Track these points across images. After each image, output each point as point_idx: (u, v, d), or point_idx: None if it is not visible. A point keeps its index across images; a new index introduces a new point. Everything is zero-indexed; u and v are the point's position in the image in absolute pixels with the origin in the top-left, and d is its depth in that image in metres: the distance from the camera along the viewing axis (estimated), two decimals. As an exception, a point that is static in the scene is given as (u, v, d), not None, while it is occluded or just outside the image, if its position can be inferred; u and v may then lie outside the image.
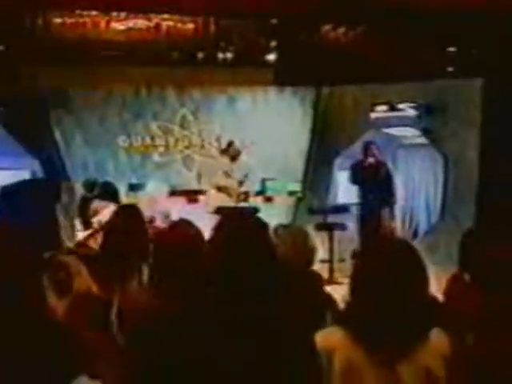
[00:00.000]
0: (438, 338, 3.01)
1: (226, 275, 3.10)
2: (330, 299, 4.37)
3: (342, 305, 3.87)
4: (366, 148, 11.49)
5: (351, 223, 11.74)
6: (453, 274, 4.46)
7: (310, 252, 4.53)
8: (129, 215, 5.40)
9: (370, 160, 11.36)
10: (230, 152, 11.47)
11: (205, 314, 2.93)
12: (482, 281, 3.92)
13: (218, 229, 3.43)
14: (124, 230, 5.11)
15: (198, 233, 3.74)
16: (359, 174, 11.45)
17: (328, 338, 3.05)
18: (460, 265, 4.38)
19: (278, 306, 3.15)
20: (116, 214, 5.53)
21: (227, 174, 11.41)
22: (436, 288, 4.35)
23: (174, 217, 11.28)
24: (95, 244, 5.54)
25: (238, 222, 3.48)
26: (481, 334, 3.48)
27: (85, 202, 9.68)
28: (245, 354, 2.84)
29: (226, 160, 11.78)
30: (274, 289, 3.21)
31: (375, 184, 11.25)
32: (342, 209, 12.06)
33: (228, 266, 3.11)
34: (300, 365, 2.97)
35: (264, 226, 3.43)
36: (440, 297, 4.26)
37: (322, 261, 9.78)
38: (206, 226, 3.68)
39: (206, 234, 3.57)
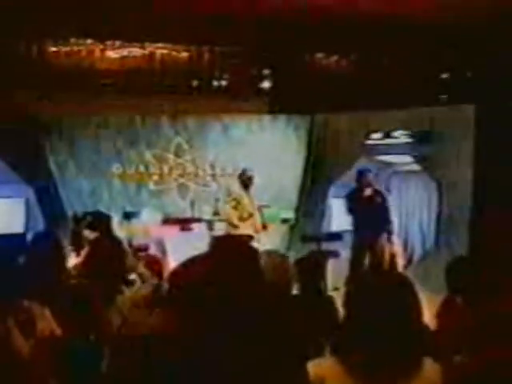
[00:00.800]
0: (430, 369, 3.00)
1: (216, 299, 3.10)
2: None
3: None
4: (361, 176, 11.48)
5: (344, 251, 11.71)
6: (445, 298, 4.47)
7: (288, 276, 4.55)
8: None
9: (367, 191, 11.35)
10: (243, 179, 11.37)
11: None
12: (473, 303, 3.91)
13: (209, 256, 3.44)
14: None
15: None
16: (354, 204, 11.44)
17: (319, 366, 3.04)
18: (450, 289, 4.39)
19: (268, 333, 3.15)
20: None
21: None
22: (428, 314, 4.35)
23: (168, 245, 11.33)
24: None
25: (231, 250, 3.48)
26: (474, 353, 3.47)
27: (75, 234, 9.72)
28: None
29: (218, 187, 11.76)
30: (264, 317, 3.21)
31: (371, 213, 11.23)
32: (336, 236, 12.04)
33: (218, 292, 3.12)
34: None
35: (255, 253, 3.44)
36: (432, 323, 4.26)
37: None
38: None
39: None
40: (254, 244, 3.50)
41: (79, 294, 4.44)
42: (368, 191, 11.36)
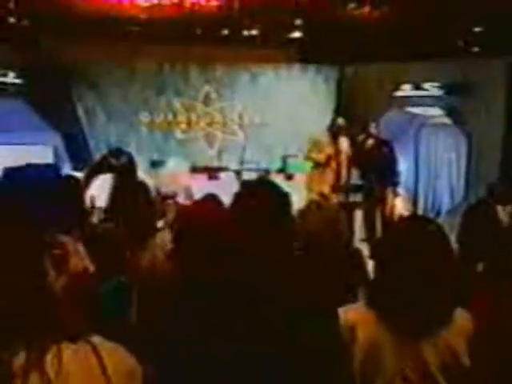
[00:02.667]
0: (461, 319, 3.00)
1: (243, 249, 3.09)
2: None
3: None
4: (365, 128, 11.37)
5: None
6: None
7: (343, 230, 4.55)
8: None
9: (369, 141, 11.23)
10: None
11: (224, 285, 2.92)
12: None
13: (234, 203, 3.43)
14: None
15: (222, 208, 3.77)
16: (359, 156, 11.31)
17: (351, 313, 3.04)
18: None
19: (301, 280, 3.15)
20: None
21: None
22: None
23: (196, 193, 11.33)
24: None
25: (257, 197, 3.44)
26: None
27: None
28: (262, 329, 2.82)
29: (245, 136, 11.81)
30: (293, 265, 3.21)
31: (376, 164, 11.07)
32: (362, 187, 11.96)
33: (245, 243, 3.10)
34: (322, 338, 2.96)
35: (285, 196, 3.42)
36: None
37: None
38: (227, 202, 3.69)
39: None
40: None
41: (107, 237, 4.46)
42: (370, 141, 11.22)
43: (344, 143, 11.35)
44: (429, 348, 2.92)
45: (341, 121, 11.49)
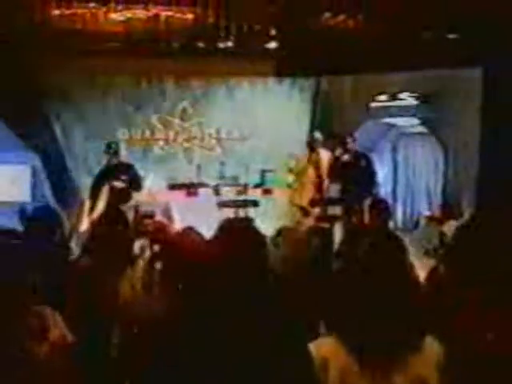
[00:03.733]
0: (430, 347, 3.02)
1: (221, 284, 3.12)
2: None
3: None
4: (342, 142, 11.43)
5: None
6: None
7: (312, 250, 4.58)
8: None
9: (345, 157, 11.29)
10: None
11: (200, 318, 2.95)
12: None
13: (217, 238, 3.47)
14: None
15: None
16: (337, 170, 11.37)
17: (321, 347, 3.05)
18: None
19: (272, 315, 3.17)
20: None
21: None
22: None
23: (174, 211, 11.34)
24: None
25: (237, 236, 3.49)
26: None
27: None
28: (237, 362, 2.85)
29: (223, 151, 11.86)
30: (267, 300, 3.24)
31: (354, 178, 11.12)
32: (339, 200, 11.99)
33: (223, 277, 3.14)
34: (293, 372, 2.99)
35: (262, 239, 3.47)
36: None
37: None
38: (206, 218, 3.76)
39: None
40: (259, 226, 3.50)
41: (82, 270, 4.46)
42: (346, 156, 11.28)
43: (324, 157, 11.41)
44: (400, 378, 2.94)
45: (318, 135, 11.61)
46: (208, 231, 3.99)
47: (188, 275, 3.46)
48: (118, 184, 10.21)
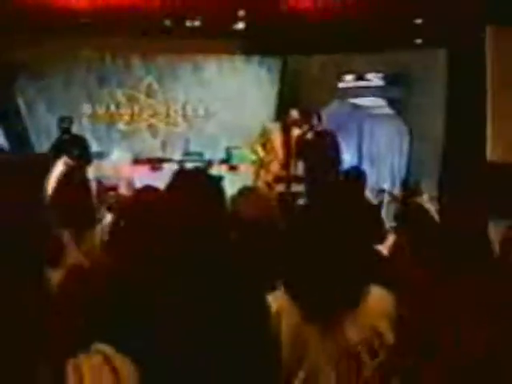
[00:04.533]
0: (382, 297, 3.01)
1: (178, 238, 3.08)
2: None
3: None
4: (308, 120, 11.35)
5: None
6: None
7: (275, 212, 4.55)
8: None
9: (309, 134, 11.26)
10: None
11: (158, 276, 2.91)
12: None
13: (170, 188, 3.42)
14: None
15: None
16: (302, 148, 11.34)
17: (273, 302, 3.02)
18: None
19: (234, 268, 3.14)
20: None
21: None
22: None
23: (138, 184, 11.28)
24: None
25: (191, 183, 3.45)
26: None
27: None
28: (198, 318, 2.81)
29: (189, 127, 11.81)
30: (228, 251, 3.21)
31: (319, 155, 11.06)
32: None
33: (180, 230, 3.10)
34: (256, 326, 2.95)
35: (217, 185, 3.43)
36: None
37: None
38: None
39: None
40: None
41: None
42: (310, 135, 11.24)
43: (295, 135, 11.38)
44: (352, 330, 2.92)
45: (295, 113, 11.51)
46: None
47: (145, 235, 3.40)
48: (67, 160, 10.09)
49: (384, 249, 4.68)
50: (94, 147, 12.31)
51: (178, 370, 2.61)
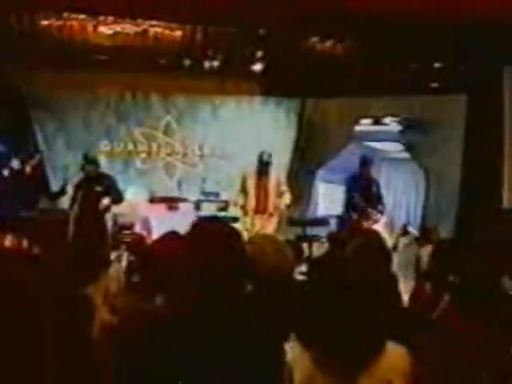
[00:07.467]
0: (395, 351, 2.99)
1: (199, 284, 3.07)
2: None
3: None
4: (364, 164, 11.17)
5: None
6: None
7: (289, 262, 4.51)
8: None
9: (364, 180, 11.18)
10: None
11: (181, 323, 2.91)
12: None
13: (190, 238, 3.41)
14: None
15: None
16: (357, 187, 11.22)
17: (288, 352, 3.01)
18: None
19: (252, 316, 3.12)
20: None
21: None
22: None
23: (153, 224, 11.29)
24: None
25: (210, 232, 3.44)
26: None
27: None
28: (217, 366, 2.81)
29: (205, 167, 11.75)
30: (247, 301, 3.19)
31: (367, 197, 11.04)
32: (322, 221, 12.01)
33: (200, 277, 3.09)
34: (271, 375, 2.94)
35: (237, 234, 3.41)
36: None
37: (302, 273, 9.70)
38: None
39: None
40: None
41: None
42: (365, 179, 11.17)
43: (272, 180, 10.99)
44: (365, 381, 2.91)
45: (266, 156, 11.02)
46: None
47: (165, 282, 3.40)
48: (95, 190, 10.08)
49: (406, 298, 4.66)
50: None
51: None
